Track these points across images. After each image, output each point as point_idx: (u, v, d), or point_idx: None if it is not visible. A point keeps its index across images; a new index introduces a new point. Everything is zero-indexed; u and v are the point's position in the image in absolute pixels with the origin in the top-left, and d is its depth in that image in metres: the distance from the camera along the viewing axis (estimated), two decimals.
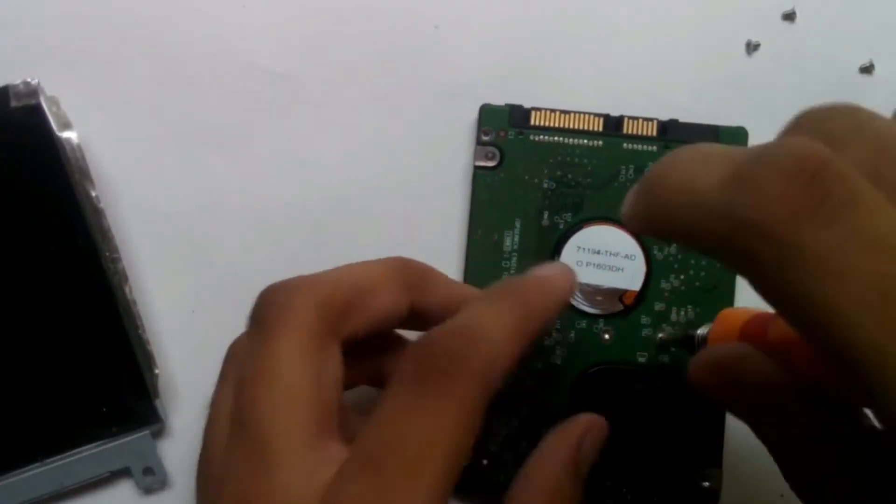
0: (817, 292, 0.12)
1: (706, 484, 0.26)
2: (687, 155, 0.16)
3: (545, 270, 0.23)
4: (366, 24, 0.29)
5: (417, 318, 0.23)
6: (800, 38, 0.28)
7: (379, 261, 0.23)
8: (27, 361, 0.26)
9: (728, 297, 0.26)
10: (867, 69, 0.28)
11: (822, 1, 0.29)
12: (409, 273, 0.23)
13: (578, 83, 0.28)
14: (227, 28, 0.29)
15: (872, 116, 0.14)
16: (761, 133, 0.27)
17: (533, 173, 0.27)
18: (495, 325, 0.20)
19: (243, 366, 0.20)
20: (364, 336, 0.21)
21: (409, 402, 0.19)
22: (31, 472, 0.26)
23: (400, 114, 0.28)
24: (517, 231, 0.27)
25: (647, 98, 0.28)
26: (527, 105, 0.27)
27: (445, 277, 0.24)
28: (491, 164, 0.27)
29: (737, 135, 0.27)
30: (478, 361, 0.19)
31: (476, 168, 0.27)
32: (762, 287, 0.13)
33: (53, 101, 0.27)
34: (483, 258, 0.27)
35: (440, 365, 0.19)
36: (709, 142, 0.27)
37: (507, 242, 0.27)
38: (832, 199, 0.12)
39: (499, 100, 0.28)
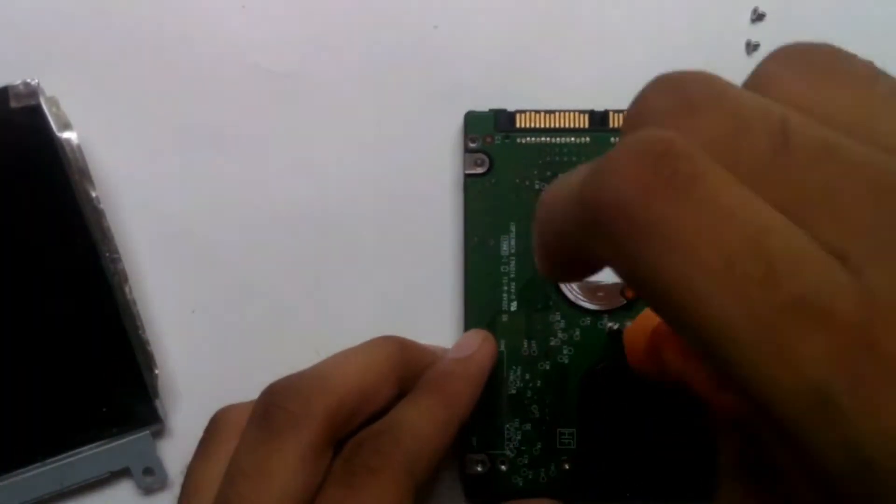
0: (669, 265, 0.12)
1: None
2: (557, 180, 0.16)
3: (464, 349, 0.25)
4: (365, 24, 0.29)
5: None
6: (798, 38, 0.28)
7: (379, 351, 0.24)
8: (27, 361, 0.26)
9: None
10: None
11: (822, 1, 0.28)
12: (403, 360, 0.24)
13: (579, 83, 0.28)
14: (227, 28, 0.29)
15: (730, 86, 0.14)
16: None
17: (523, 176, 0.27)
18: (420, 419, 0.22)
19: (241, 455, 0.21)
20: (357, 429, 0.22)
21: (337, 499, 0.20)
22: (31, 473, 0.26)
23: (400, 113, 0.28)
24: (513, 235, 0.27)
25: None
26: (512, 108, 0.27)
27: (427, 354, 0.25)
28: (480, 170, 0.27)
29: None
30: (400, 455, 0.21)
31: (466, 176, 0.27)
32: (622, 269, 0.13)
33: (53, 102, 0.27)
34: (482, 264, 0.27)
35: (365, 462, 0.21)
36: None
37: (504, 247, 0.27)
38: (679, 176, 0.12)
39: (501, 99, 0.27)
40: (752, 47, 0.28)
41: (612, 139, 0.27)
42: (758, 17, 0.29)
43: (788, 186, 0.12)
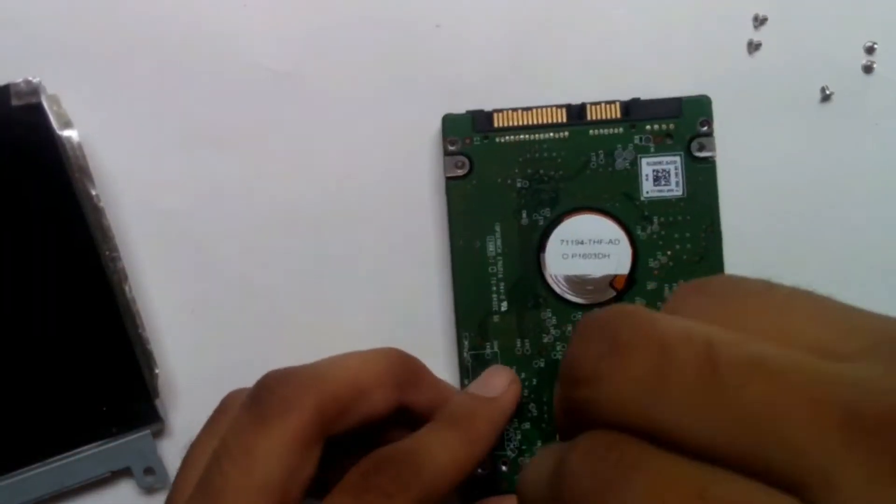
0: None
1: None
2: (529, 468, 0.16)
3: (490, 388, 0.26)
4: (367, 23, 0.28)
5: (403, 414, 0.24)
6: (800, 38, 0.28)
7: (379, 355, 0.24)
8: (27, 361, 0.26)
9: (717, 268, 0.27)
10: (868, 69, 0.28)
11: (822, 1, 0.28)
12: (404, 371, 0.24)
13: (580, 83, 0.28)
14: (228, 27, 0.29)
15: (653, 315, 0.14)
16: (761, 131, 0.27)
17: (505, 175, 0.27)
18: (442, 452, 0.22)
19: (229, 436, 0.21)
20: (348, 433, 0.22)
21: None
22: (31, 472, 0.26)
23: (400, 113, 0.28)
24: (498, 235, 0.27)
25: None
26: (491, 107, 0.27)
27: (433, 377, 0.25)
28: (461, 172, 0.27)
29: (699, 103, 0.27)
30: (418, 487, 0.21)
31: (447, 179, 0.27)
32: None
33: (54, 100, 0.27)
34: (469, 266, 0.27)
35: (383, 486, 0.21)
36: (671, 115, 0.27)
37: (491, 247, 0.27)
38: (622, 465, 0.13)
39: (504, 98, 0.27)
40: (753, 47, 0.28)
41: (591, 131, 0.27)
42: (760, 21, 0.28)
43: (726, 410, 0.12)
